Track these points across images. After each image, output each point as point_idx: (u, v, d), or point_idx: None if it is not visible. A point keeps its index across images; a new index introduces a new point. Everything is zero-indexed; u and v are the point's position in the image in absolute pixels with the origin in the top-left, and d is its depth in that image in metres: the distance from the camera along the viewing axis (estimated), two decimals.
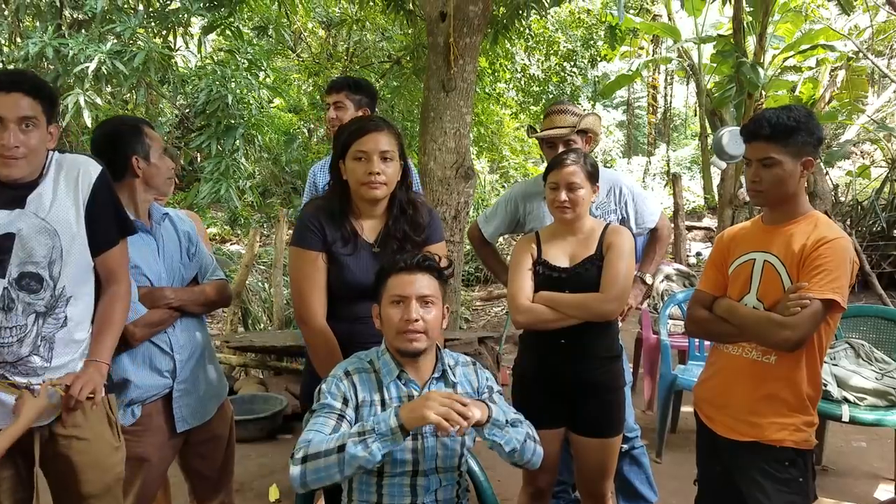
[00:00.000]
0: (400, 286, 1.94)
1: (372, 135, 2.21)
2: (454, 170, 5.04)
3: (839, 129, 14.02)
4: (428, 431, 1.94)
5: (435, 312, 1.95)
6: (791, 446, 2.11)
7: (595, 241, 2.46)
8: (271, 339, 5.53)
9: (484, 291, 10.13)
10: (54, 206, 1.94)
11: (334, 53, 11.40)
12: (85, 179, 1.99)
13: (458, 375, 2.05)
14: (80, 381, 1.92)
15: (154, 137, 2.33)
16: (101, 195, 2.02)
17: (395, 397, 1.95)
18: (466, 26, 4.94)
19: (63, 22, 6.78)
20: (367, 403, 1.93)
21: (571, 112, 2.99)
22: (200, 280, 2.48)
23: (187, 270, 2.42)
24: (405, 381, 1.97)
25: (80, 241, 1.99)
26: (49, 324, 1.95)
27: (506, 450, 1.90)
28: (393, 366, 1.96)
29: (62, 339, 1.98)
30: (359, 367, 1.99)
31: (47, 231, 1.92)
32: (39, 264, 1.92)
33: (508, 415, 1.98)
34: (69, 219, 1.96)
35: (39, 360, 1.94)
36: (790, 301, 2.04)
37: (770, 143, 2.08)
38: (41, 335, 1.94)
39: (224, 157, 6.64)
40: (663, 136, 23.66)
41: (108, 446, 2.10)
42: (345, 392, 1.92)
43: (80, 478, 2.05)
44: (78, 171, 1.99)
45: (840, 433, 4.32)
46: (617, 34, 10.77)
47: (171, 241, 2.39)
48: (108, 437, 2.10)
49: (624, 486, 3.14)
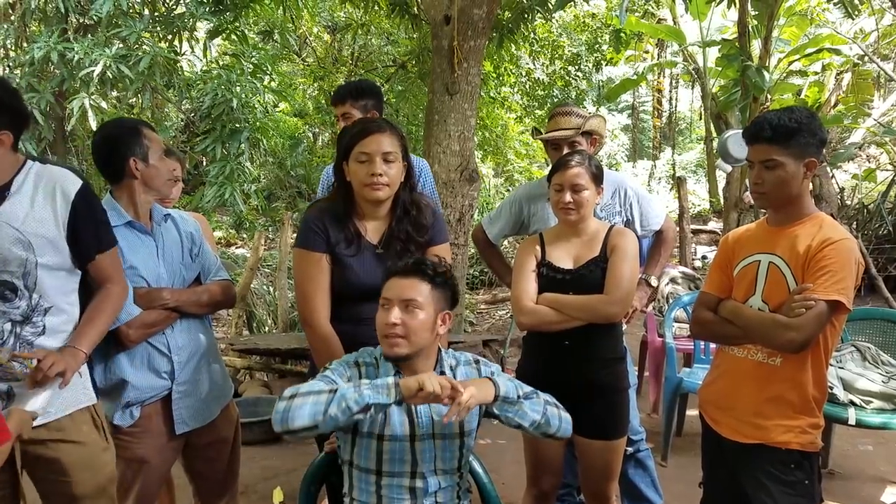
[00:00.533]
0: (387, 290, 1.95)
1: (374, 136, 2.21)
2: (458, 172, 5.04)
3: (844, 133, 14.00)
4: (425, 433, 1.93)
5: (422, 317, 1.91)
6: (797, 448, 2.10)
7: (599, 243, 2.46)
8: (276, 342, 5.54)
9: (488, 295, 10.12)
10: (29, 218, 1.92)
11: (339, 58, 11.44)
12: (64, 195, 1.97)
13: (459, 376, 2.04)
14: (52, 358, 1.89)
15: (153, 139, 2.31)
16: (82, 210, 1.99)
17: None
18: (471, 29, 4.95)
19: (69, 27, 6.81)
20: None
21: (576, 114, 2.99)
22: (204, 281, 2.47)
23: (189, 271, 2.41)
24: None
25: (58, 254, 1.97)
26: (27, 331, 1.94)
27: (526, 425, 1.91)
28: (390, 367, 1.96)
29: (43, 344, 1.96)
30: (366, 361, 2.00)
31: (21, 242, 1.90)
32: (14, 273, 1.90)
33: (521, 389, 1.98)
34: (45, 232, 1.93)
35: (18, 367, 1.91)
36: (795, 302, 2.03)
37: (772, 145, 2.08)
38: (19, 341, 1.93)
39: (229, 161, 6.66)
40: (668, 140, 23.63)
41: (97, 446, 2.09)
42: (351, 377, 1.94)
43: (71, 479, 2.04)
44: (55, 185, 1.97)
45: (846, 436, 4.29)
46: (622, 38, 10.76)
47: (173, 242, 2.39)
48: (96, 437, 2.09)
49: (629, 489, 3.12)
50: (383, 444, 1.91)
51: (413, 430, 1.93)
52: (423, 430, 1.93)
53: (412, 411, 1.94)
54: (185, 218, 2.50)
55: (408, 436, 1.92)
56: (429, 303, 1.93)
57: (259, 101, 7.23)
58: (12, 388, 1.93)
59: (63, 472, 2.03)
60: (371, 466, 1.94)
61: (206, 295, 2.41)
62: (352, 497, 2.00)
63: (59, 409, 2.00)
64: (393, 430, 1.92)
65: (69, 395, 2.02)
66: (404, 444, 1.92)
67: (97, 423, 2.11)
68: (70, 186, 1.99)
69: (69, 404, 2.03)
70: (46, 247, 1.94)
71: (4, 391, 1.93)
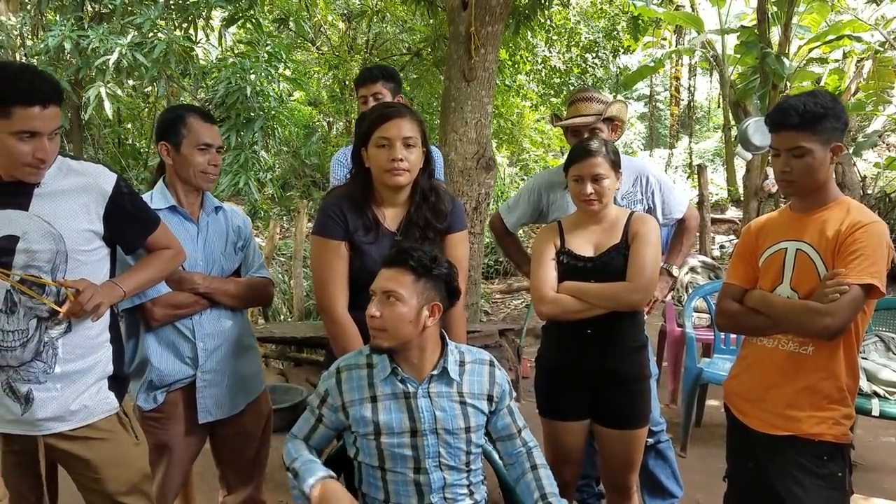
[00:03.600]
0: (375, 280, 1.92)
1: (395, 121, 2.17)
2: (475, 160, 5.00)
3: (865, 122, 13.79)
4: (427, 429, 1.91)
5: (402, 309, 1.85)
6: (830, 440, 2.06)
7: (620, 230, 2.41)
8: (291, 331, 5.54)
9: (503, 284, 10.08)
10: (61, 211, 1.92)
11: (354, 46, 11.39)
12: (100, 189, 1.98)
13: (465, 374, 1.99)
14: (92, 290, 1.90)
15: (194, 130, 2.30)
16: (121, 203, 2.02)
17: (390, 394, 1.92)
18: (488, 15, 4.89)
19: (84, 15, 6.81)
20: (356, 402, 1.92)
21: (597, 100, 2.92)
22: (243, 276, 2.48)
23: (228, 262, 2.42)
24: (401, 378, 1.93)
25: (88, 249, 1.97)
26: (53, 329, 1.93)
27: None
28: (387, 362, 1.93)
29: (68, 345, 1.95)
30: (351, 364, 1.98)
31: (52, 235, 1.90)
32: (42, 268, 1.90)
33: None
34: (76, 225, 1.94)
35: (42, 366, 1.92)
36: (828, 288, 1.98)
37: (800, 132, 2.02)
38: (44, 340, 1.92)
39: (244, 150, 6.66)
40: (686, 129, 23.43)
41: (127, 442, 2.09)
42: (327, 391, 1.96)
43: (101, 475, 2.03)
44: (88, 179, 1.98)
45: (869, 428, 4.24)
46: (639, 25, 10.64)
47: (218, 233, 2.40)
48: (124, 434, 2.09)
49: (649, 480, 3.09)
50: (381, 441, 1.90)
51: (414, 426, 1.90)
52: (424, 425, 1.91)
53: (412, 407, 1.91)
54: (236, 212, 2.51)
55: (408, 431, 1.90)
56: (411, 295, 1.87)
57: (274, 89, 7.22)
58: (32, 390, 1.92)
59: (92, 469, 2.03)
60: (374, 462, 1.92)
61: (236, 286, 2.41)
62: (362, 491, 1.99)
63: (79, 420, 1.99)
64: (390, 426, 1.90)
65: (91, 406, 2.01)
66: (403, 439, 1.90)
67: (124, 421, 2.10)
68: (105, 182, 2.00)
69: (90, 414, 2.01)
70: (77, 241, 1.94)
71: (24, 393, 1.92)
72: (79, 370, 1.97)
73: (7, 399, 1.91)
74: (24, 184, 1.89)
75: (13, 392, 1.91)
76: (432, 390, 1.94)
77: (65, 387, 1.95)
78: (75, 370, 1.97)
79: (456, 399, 1.95)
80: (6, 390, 1.91)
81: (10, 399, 1.91)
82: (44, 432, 1.96)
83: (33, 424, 1.94)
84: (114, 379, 2.08)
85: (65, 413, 1.96)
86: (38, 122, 1.79)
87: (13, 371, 1.90)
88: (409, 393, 1.92)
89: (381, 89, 3.14)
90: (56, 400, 1.94)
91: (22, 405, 1.91)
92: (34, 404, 1.92)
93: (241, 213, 2.55)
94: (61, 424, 1.96)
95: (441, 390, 1.95)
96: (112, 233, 2.02)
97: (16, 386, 1.91)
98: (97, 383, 2.02)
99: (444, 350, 1.98)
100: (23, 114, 1.76)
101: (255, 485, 2.61)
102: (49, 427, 1.95)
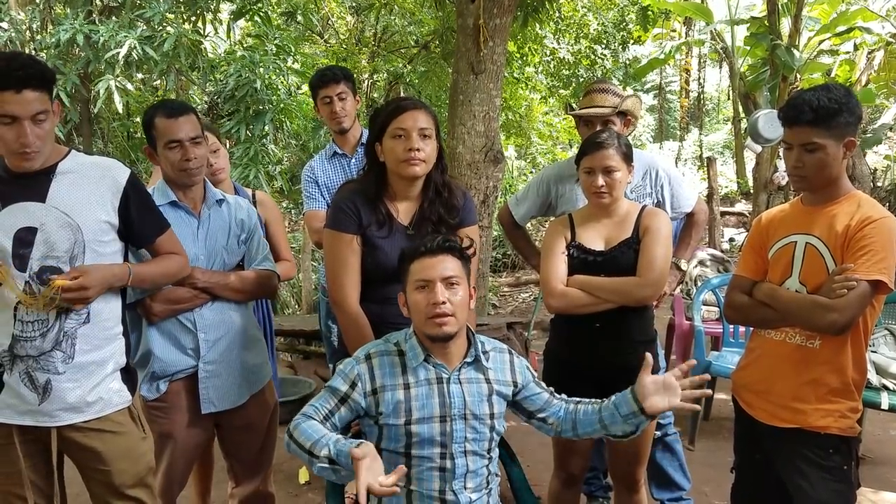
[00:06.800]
0: (423, 270, 1.91)
1: (410, 112, 2.19)
2: (483, 153, 4.98)
3: (875, 114, 13.69)
4: (457, 414, 1.92)
5: (462, 294, 1.91)
6: (836, 433, 2.07)
7: (631, 224, 2.41)
8: (300, 324, 5.57)
9: (511, 277, 10.08)
10: (78, 202, 1.95)
11: (362, 38, 11.36)
12: (114, 182, 2.02)
13: (492, 361, 2.03)
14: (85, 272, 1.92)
15: (160, 129, 2.29)
16: (134, 197, 2.05)
17: (423, 380, 1.93)
18: (496, 7, 4.86)
19: (94, 9, 6.83)
20: (388, 388, 1.92)
21: (613, 92, 2.92)
22: (247, 268, 2.48)
23: (231, 256, 2.43)
24: (433, 364, 1.95)
25: (106, 239, 2.00)
26: (71, 319, 1.96)
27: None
28: (419, 350, 1.94)
29: (85, 335, 1.99)
30: (382, 351, 1.98)
31: (70, 226, 1.93)
32: (60, 258, 1.93)
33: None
34: (93, 216, 1.97)
35: (61, 355, 1.95)
36: (836, 283, 1.97)
37: (813, 128, 2.00)
38: (63, 330, 1.95)
39: (253, 143, 6.68)
40: (695, 121, 23.31)
41: (136, 436, 2.12)
42: (357, 375, 1.93)
43: (112, 468, 2.06)
44: (103, 172, 2.03)
45: (878, 421, 4.24)
46: (649, 16, 10.58)
47: (220, 226, 2.41)
48: (133, 428, 2.12)
49: (657, 472, 3.10)
50: (411, 428, 1.90)
51: (444, 412, 1.92)
52: (455, 410, 1.92)
53: (444, 392, 1.93)
54: (240, 205, 2.51)
55: (438, 417, 1.91)
56: (464, 278, 1.93)
57: (282, 82, 7.22)
58: (50, 381, 1.95)
59: (102, 462, 2.05)
60: (401, 448, 1.93)
61: (237, 280, 2.41)
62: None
63: (94, 412, 2.02)
64: (422, 412, 1.90)
65: (106, 398, 2.04)
66: (433, 424, 1.91)
67: (134, 415, 2.13)
68: (119, 175, 2.05)
69: (105, 406, 2.04)
70: (95, 231, 1.97)
71: (42, 383, 1.95)
72: (95, 361, 2.01)
73: (24, 389, 1.94)
74: (40, 176, 1.92)
75: (32, 382, 1.94)
76: (463, 377, 1.96)
77: (83, 377, 1.98)
78: (92, 361, 2.00)
79: (484, 385, 1.98)
80: (25, 380, 1.94)
81: (27, 389, 1.94)
82: (59, 423, 1.98)
83: (49, 415, 1.97)
84: (125, 371, 2.12)
85: (81, 404, 1.99)
86: (12, 105, 1.81)
87: (33, 360, 1.93)
88: (441, 379, 1.94)
89: (344, 88, 3.18)
90: (74, 391, 1.97)
91: (39, 395, 1.94)
92: (52, 394, 1.95)
93: (245, 204, 2.54)
94: (77, 415, 1.99)
95: (472, 376, 1.97)
96: (125, 225, 2.05)
97: (35, 375, 1.94)
98: (112, 374, 2.06)
99: (472, 339, 2.01)
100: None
101: (263, 477, 2.62)
102: (65, 418, 1.98)
